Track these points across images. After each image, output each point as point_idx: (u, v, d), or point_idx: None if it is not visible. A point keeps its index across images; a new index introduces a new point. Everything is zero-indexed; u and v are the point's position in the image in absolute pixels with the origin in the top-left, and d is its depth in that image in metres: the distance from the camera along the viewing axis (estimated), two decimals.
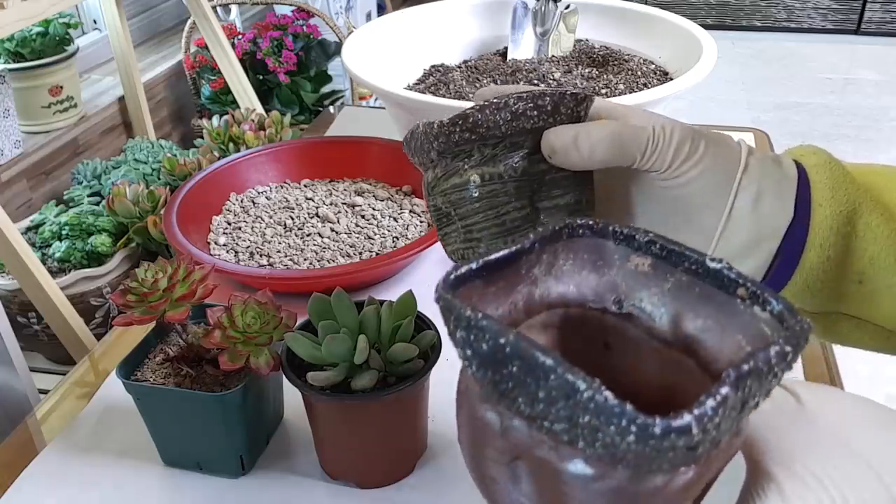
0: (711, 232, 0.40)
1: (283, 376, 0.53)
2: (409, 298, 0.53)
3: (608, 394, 0.23)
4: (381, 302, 0.53)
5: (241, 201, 0.85)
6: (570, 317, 0.31)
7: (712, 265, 0.27)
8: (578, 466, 0.25)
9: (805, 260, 0.41)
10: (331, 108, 1.20)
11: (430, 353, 0.53)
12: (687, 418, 0.22)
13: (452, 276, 0.28)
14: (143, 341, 0.56)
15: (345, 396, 0.50)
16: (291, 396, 0.57)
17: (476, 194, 0.39)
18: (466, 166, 0.39)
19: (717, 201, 0.40)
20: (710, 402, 0.23)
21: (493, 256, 0.29)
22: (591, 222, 0.31)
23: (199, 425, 0.54)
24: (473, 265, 0.28)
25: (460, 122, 0.38)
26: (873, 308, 0.42)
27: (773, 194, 0.40)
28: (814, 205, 0.41)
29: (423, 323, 0.54)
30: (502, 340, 0.24)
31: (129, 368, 0.55)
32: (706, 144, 0.40)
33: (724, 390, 0.23)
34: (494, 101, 0.37)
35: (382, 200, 0.84)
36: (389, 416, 0.53)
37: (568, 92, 0.39)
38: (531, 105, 0.38)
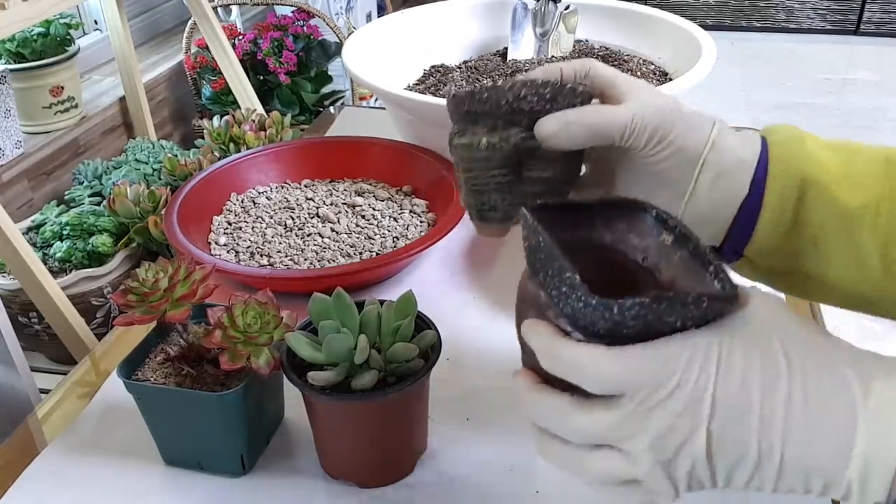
0: (679, 201, 0.48)
1: (284, 376, 0.53)
2: (409, 298, 0.53)
3: (578, 278, 0.37)
4: (382, 302, 0.54)
5: (242, 201, 0.85)
6: (609, 258, 0.45)
7: (707, 254, 0.40)
8: (560, 322, 0.40)
9: (759, 227, 0.48)
10: (331, 109, 1.20)
11: (430, 353, 0.53)
12: (612, 303, 0.36)
13: (540, 203, 0.43)
14: (143, 341, 0.57)
15: (345, 396, 0.50)
16: (292, 396, 0.57)
17: (477, 156, 0.47)
18: (475, 130, 0.46)
19: (684, 177, 0.48)
20: (630, 301, 0.36)
21: (573, 202, 0.45)
22: (644, 202, 0.43)
23: (200, 425, 0.54)
24: (558, 204, 0.44)
25: (473, 95, 0.46)
26: (829, 268, 0.48)
27: (731, 174, 0.47)
28: (769, 178, 0.47)
29: (423, 323, 0.55)
30: (541, 238, 0.39)
31: (130, 368, 0.55)
32: (678, 130, 0.47)
33: (646, 300, 0.36)
34: (504, 82, 0.45)
35: (382, 200, 0.84)
36: (389, 415, 0.53)
37: (568, 86, 0.46)
38: (533, 91, 0.45)
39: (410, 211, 0.82)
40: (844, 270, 0.47)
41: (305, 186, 0.88)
